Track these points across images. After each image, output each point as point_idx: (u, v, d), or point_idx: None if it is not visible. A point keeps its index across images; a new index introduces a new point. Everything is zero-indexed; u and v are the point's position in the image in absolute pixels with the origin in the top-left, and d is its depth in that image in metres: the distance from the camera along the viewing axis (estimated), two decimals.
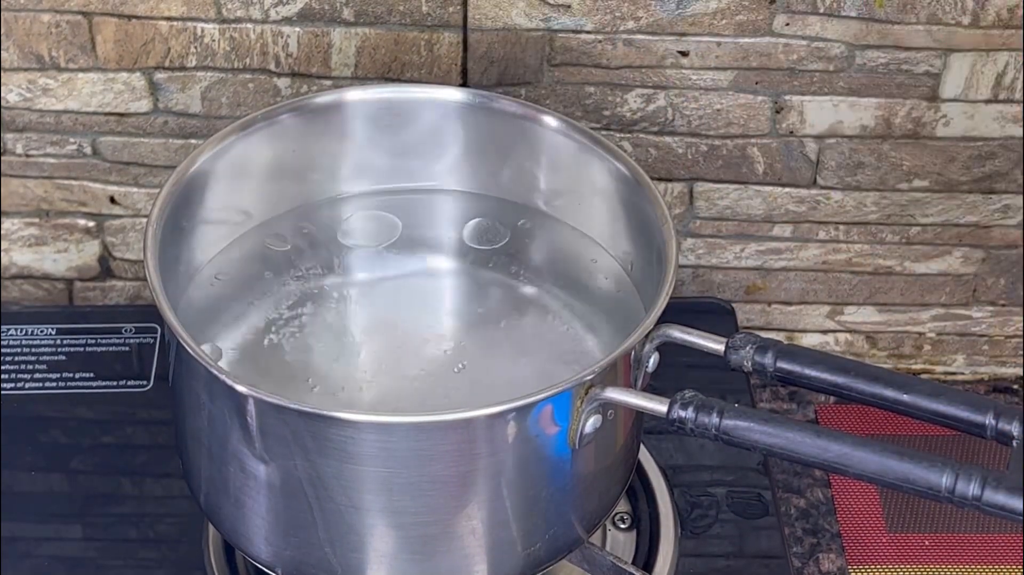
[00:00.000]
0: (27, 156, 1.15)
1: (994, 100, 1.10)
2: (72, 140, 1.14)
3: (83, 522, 1.03)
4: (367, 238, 1.02)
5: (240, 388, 0.83)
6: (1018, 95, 1.10)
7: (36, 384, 1.11)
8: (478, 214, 1.03)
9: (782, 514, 1.08)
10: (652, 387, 0.89)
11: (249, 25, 1.09)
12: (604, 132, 1.12)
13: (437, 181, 1.04)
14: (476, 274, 1.01)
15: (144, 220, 0.92)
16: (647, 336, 0.88)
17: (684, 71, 1.10)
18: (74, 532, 1.03)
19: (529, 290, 1.00)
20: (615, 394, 0.85)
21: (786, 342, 0.89)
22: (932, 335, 1.21)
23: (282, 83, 1.11)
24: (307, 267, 1.01)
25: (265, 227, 1.01)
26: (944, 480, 0.79)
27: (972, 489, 0.78)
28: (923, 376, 1.22)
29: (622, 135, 1.12)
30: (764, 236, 1.17)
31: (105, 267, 1.20)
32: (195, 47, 1.10)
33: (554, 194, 1.02)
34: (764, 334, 1.04)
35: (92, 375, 1.12)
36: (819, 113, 1.11)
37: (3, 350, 1.13)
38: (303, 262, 1.01)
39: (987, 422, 0.83)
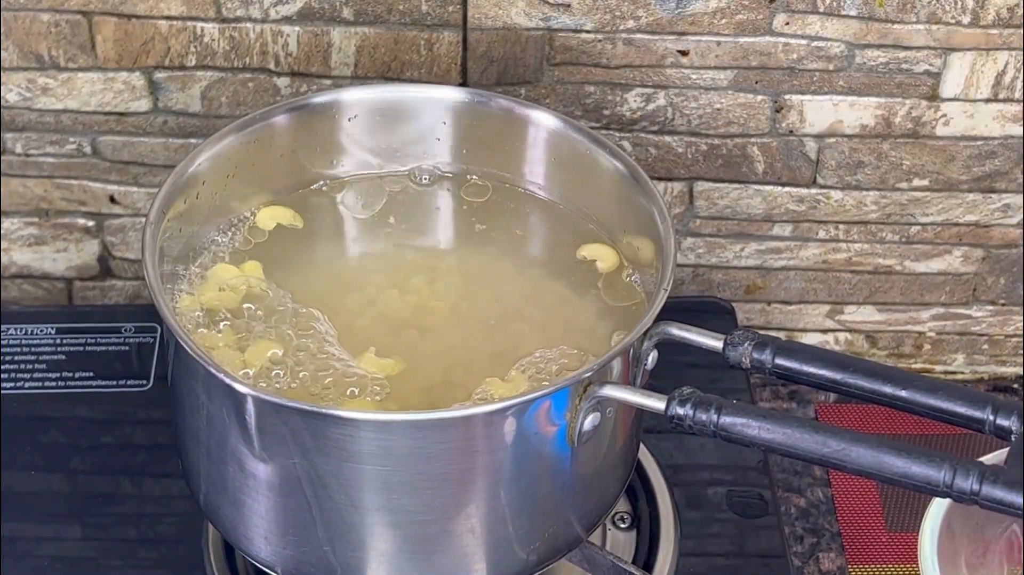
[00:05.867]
0: (27, 156, 1.15)
1: (994, 99, 1.10)
2: (72, 139, 1.14)
3: (83, 522, 1.03)
4: (367, 222, 1.02)
5: (238, 387, 0.83)
6: (1018, 94, 1.10)
7: (36, 384, 1.11)
8: (475, 211, 1.03)
9: (782, 514, 1.07)
10: (652, 387, 0.89)
11: (249, 24, 1.09)
12: (604, 131, 1.12)
13: (435, 180, 1.04)
14: (470, 263, 1.00)
15: (144, 219, 0.92)
16: (645, 333, 0.87)
17: (684, 70, 1.10)
18: (74, 532, 1.03)
19: (527, 287, 1.00)
20: (613, 391, 0.85)
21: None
22: (932, 334, 1.21)
23: (282, 82, 1.11)
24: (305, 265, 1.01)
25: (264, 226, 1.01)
26: (943, 475, 0.79)
27: (970, 483, 0.78)
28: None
29: (622, 134, 1.12)
30: (764, 235, 1.17)
31: (105, 266, 1.20)
32: (195, 46, 1.10)
33: (553, 193, 1.02)
34: (764, 333, 1.04)
35: (92, 374, 1.11)
36: (819, 112, 1.11)
37: (3, 350, 1.13)
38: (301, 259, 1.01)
39: (985, 417, 0.83)
